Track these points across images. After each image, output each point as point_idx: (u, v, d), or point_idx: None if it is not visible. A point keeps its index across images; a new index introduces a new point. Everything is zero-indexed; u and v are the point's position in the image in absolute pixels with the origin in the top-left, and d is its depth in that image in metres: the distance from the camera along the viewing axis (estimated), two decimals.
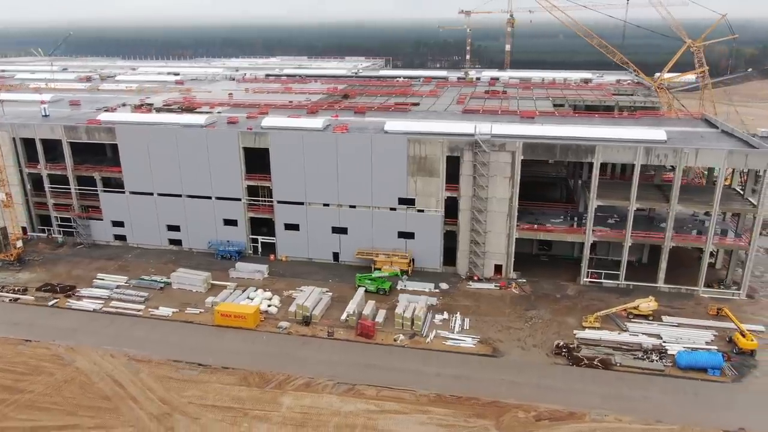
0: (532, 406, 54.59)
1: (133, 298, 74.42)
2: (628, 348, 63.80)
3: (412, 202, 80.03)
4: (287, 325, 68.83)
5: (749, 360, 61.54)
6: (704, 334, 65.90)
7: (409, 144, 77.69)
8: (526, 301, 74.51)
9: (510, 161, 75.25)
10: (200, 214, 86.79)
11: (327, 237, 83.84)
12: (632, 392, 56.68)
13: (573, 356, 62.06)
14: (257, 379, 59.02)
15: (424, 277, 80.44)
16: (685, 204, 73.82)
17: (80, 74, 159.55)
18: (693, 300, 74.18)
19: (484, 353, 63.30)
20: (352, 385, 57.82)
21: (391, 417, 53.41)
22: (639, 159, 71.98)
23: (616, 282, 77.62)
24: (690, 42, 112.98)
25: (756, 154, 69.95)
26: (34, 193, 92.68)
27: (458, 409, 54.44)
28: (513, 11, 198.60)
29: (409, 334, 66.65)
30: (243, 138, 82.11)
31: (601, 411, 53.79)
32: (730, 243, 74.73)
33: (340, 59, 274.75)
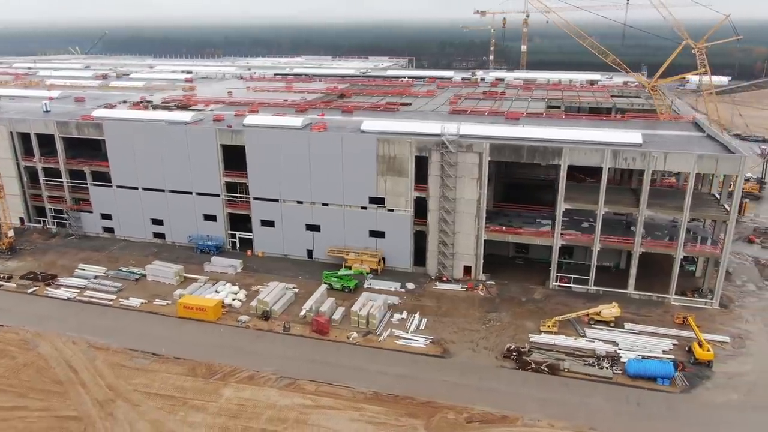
0: (467, 408, 54.39)
1: (107, 289, 77.10)
2: (581, 354, 62.77)
3: (383, 202, 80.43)
4: (247, 319, 70.23)
5: (705, 371, 59.78)
6: (663, 343, 64.32)
7: (379, 144, 78.11)
8: (489, 304, 74.00)
9: (477, 162, 74.87)
10: (182, 209, 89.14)
11: (301, 234, 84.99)
12: (573, 398, 55.85)
13: (521, 360, 61.44)
14: (204, 370, 60.52)
15: (393, 276, 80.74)
16: (655, 209, 72.02)
17: (98, 72, 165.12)
18: (662, 308, 72.32)
19: (434, 354, 63.26)
20: (294, 380, 58.71)
21: (324, 413, 54.05)
22: (607, 162, 70.64)
23: (586, 287, 76.33)
24: (692, 43, 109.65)
25: (726, 159, 67.80)
26: (31, 186, 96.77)
27: (392, 407, 54.69)
28: (529, 11, 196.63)
29: (363, 332, 67.13)
30: (221, 135, 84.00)
31: (536, 416, 53.27)
32: (702, 250, 72.53)
33: (363, 59, 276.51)
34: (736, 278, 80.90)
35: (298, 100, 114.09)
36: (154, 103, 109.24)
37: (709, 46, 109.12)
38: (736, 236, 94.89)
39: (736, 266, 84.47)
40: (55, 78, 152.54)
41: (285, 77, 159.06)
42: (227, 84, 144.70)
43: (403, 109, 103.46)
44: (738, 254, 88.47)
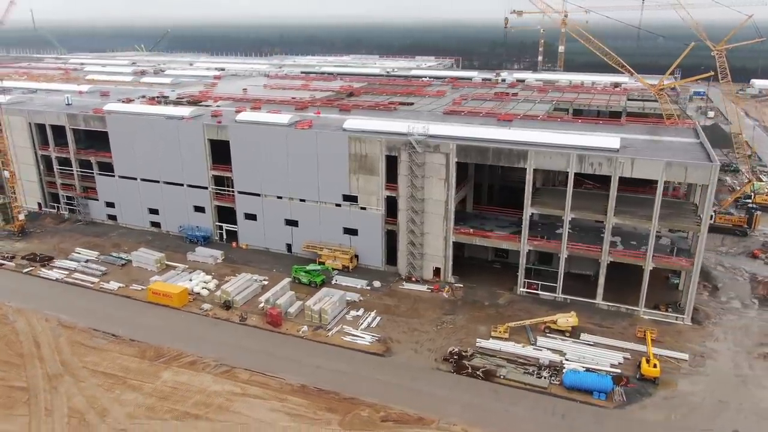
0: (387, 407, 54.61)
1: (93, 272, 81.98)
2: (525, 362, 61.45)
3: (355, 200, 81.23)
4: (209, 307, 72.94)
5: (649, 388, 57.20)
6: (614, 356, 61.93)
7: (351, 142, 78.96)
8: (450, 306, 73.41)
9: (444, 163, 74.38)
10: (174, 200, 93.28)
11: (281, 229, 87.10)
12: (498, 405, 54.93)
13: (460, 364, 60.82)
14: (153, 353, 63.55)
15: (365, 274, 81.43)
16: (623, 217, 69.20)
17: (138, 69, 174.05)
18: (629, 321, 69.42)
19: (375, 352, 63.63)
20: (231, 368, 60.71)
21: (248, 401, 55.69)
22: (572, 166, 68.54)
23: (554, 295, 74.33)
24: (711, 45, 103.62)
25: (696, 168, 64.27)
26: (47, 173, 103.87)
27: (314, 401, 55.65)
28: (568, 11, 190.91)
29: (314, 327, 68.34)
30: (208, 130, 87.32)
31: (452, 420, 52.81)
32: (672, 262, 69.02)
33: (409, 58, 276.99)
34: (723, 294, 76.41)
35: (307, 97, 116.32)
36: (168, 99, 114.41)
37: (729, 48, 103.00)
38: (742, 250, 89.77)
39: (727, 282, 79.73)
40: (97, 74, 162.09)
41: (308, 75, 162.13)
42: (252, 81, 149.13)
43: (402, 109, 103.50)
44: (735, 269, 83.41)
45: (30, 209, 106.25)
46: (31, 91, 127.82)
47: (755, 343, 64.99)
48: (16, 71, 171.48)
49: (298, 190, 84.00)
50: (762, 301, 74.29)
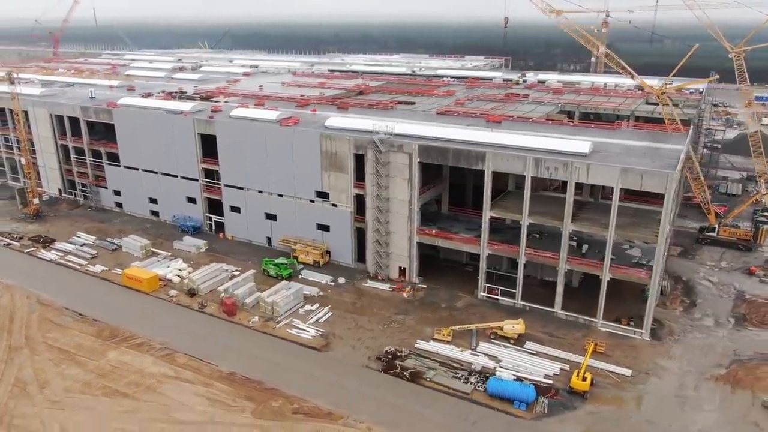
0: (303, 399, 55.61)
1: (84, 255, 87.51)
2: (458, 366, 60.70)
3: (327, 196, 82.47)
4: (175, 293, 76.32)
5: (576, 401, 55.23)
6: (552, 367, 60.09)
7: (322, 140, 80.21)
8: (406, 306, 73.30)
9: (408, 163, 74.25)
10: (170, 191, 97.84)
11: (261, 222, 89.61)
12: (412, 407, 54.73)
13: (390, 363, 60.85)
14: (108, 333, 67.38)
15: (334, 270, 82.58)
16: (580, 224, 66.79)
17: (176, 65, 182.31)
18: (584, 332, 66.93)
19: (313, 346, 64.69)
20: (173, 351, 63.52)
21: (177, 384, 58.18)
22: (529, 170, 66.82)
23: (513, 301, 72.69)
24: (729, 47, 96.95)
25: (651, 175, 61.09)
26: (65, 161, 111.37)
27: (238, 389, 57.41)
28: (609, 11, 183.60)
29: (266, 318, 70.20)
30: (198, 125, 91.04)
31: (361, 417, 53.12)
32: (629, 273, 65.83)
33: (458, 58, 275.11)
34: (699, 310, 72.12)
35: (316, 95, 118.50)
36: (184, 94, 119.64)
37: (748, 50, 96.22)
38: (740, 265, 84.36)
39: (709, 298, 75.15)
40: (137, 69, 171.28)
41: (332, 74, 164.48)
42: (275, 78, 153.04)
43: (400, 108, 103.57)
44: (724, 285, 78.41)
45: (51, 194, 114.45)
46: (69, 85, 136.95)
47: (713, 363, 61.15)
48: (71, 66, 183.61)
49: (277, 186, 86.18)
50: (739, 321, 69.61)
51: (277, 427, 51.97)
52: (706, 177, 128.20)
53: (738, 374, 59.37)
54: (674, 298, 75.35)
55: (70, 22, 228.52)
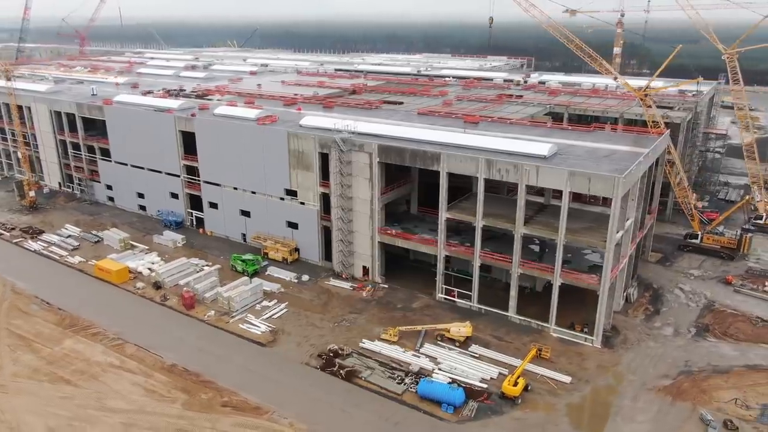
0: (235, 392, 56.51)
1: (66, 246, 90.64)
2: (397, 366, 60.62)
3: (296, 194, 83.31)
4: (142, 286, 78.36)
5: (505, 407, 54.54)
6: (490, 371, 59.42)
7: (290, 138, 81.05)
8: (362, 305, 73.48)
9: (368, 162, 74.40)
10: (155, 186, 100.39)
11: (237, 218, 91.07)
12: (340, 404, 55.04)
13: (330, 362, 61.22)
14: (69, 321, 69.73)
15: (302, 267, 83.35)
16: (532, 228, 65.71)
17: (188, 63, 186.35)
18: (536, 336, 65.90)
19: (259, 341, 65.58)
20: (124, 342, 65.33)
21: (120, 373, 59.87)
22: (481, 172, 66.15)
23: (470, 303, 72.06)
24: (721, 48, 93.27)
25: (598, 179, 59.65)
26: (64, 156, 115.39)
27: (175, 380, 58.72)
28: (624, 10, 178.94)
29: (221, 313, 71.45)
30: (178, 122, 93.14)
31: (285, 413, 53.66)
32: (579, 278, 64.34)
33: (480, 58, 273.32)
34: (661, 319, 70.06)
35: (310, 94, 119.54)
36: (180, 92, 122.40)
37: (741, 52, 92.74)
38: (718, 274, 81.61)
39: (675, 307, 72.91)
40: (149, 67, 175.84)
41: (336, 73, 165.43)
42: (280, 77, 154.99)
43: (386, 108, 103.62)
44: (694, 294, 75.89)
45: (51, 188, 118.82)
46: (79, 82, 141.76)
47: (659, 374, 59.38)
48: (90, 63, 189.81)
49: (250, 183, 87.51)
50: (700, 331, 67.31)
51: (202, 419, 52.99)
52: (709, 182, 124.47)
53: (683, 386, 57.51)
54: (639, 305, 73.42)
55: (96, 21, 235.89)
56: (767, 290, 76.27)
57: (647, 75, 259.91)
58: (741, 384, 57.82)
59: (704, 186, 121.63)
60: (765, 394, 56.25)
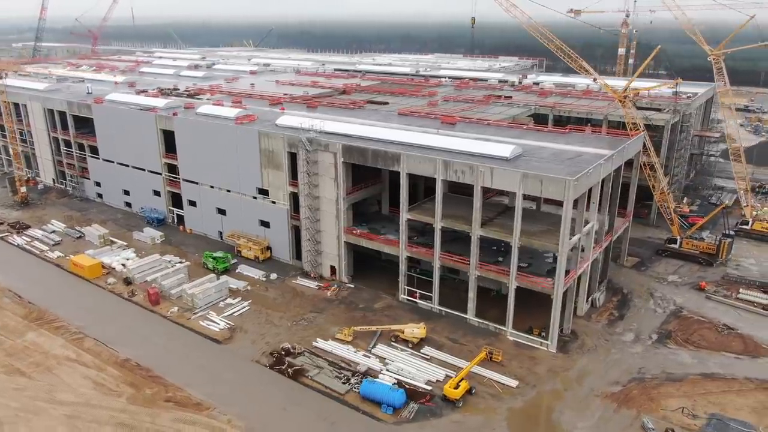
0: (180, 388, 57.20)
1: (47, 241, 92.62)
2: (344, 366, 60.68)
3: (267, 193, 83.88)
4: (113, 281, 79.70)
5: (446, 410, 54.22)
6: (437, 373, 59.13)
7: (261, 138, 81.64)
8: (324, 304, 73.66)
9: (333, 162, 74.58)
10: (139, 183, 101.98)
11: (214, 216, 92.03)
12: (280, 402, 55.32)
13: (280, 360, 61.56)
14: (36, 315, 71.26)
15: (272, 266, 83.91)
16: (487, 230, 65.09)
17: (192, 63, 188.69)
18: (492, 339, 65.32)
19: (215, 338, 66.23)
20: (85, 336, 66.55)
21: (74, 366, 61.04)
22: (439, 173, 65.83)
23: (431, 305, 71.76)
24: (708, 50, 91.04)
25: (550, 181, 58.84)
26: (57, 153, 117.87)
27: (126, 374, 59.67)
28: (630, 11, 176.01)
29: (185, 309, 72.32)
30: (159, 121, 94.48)
31: (226, 410, 54.13)
32: (533, 282, 63.54)
33: (490, 58, 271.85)
34: (624, 324, 68.89)
35: (300, 94, 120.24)
36: (173, 91, 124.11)
37: (728, 53, 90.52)
38: (694, 280, 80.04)
39: (640, 312, 71.64)
40: (152, 66, 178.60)
41: (333, 73, 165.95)
42: (277, 76, 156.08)
43: (369, 108, 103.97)
44: (664, 300, 74.51)
45: (46, 184, 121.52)
46: (80, 81, 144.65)
47: (610, 381, 58.42)
48: (97, 62, 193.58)
49: (225, 181, 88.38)
50: (661, 338, 65.99)
51: (143, 414, 53.75)
52: (702, 186, 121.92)
53: (632, 393, 56.51)
54: (604, 310, 72.30)
55: (108, 21, 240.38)
56: (740, 297, 74.54)
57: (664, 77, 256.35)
58: (693, 392, 56.61)
59: (698, 190, 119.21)
60: (715, 404, 55.01)
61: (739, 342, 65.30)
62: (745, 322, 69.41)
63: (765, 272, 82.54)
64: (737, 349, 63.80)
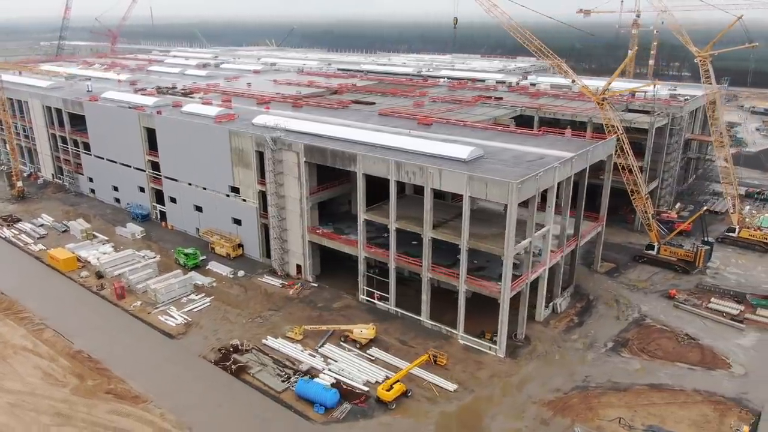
0: (123, 381, 58.37)
1: (34, 234, 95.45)
2: (288, 365, 61.01)
3: (238, 191, 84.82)
4: (86, 274, 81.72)
5: (378, 410, 54.07)
6: (377, 374, 58.95)
7: (231, 136, 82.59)
8: (285, 303, 74.15)
9: (296, 161, 74.99)
10: (126, 180, 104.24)
11: (192, 213, 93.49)
12: (217, 398, 55.96)
13: (226, 356, 62.24)
14: (5, 305, 73.51)
15: (243, 263, 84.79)
16: (437, 232, 64.54)
17: (202, 62, 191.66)
18: (442, 342, 64.82)
19: (168, 333, 67.33)
20: (46, 327, 68.40)
21: (27, 356, 62.81)
22: (392, 174, 65.60)
23: (388, 306, 71.55)
24: (694, 51, 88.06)
25: (495, 184, 58.04)
26: (55, 149, 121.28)
27: (75, 365, 61.12)
28: (641, 10, 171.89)
29: (147, 303, 73.69)
30: (142, 119, 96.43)
31: (161, 404, 55.00)
32: (481, 285, 62.70)
33: (508, 58, 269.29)
34: (581, 331, 67.50)
35: (293, 93, 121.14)
36: (168, 89, 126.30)
37: (715, 54, 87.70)
38: (666, 287, 78.07)
39: (602, 319, 70.08)
40: (160, 65, 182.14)
41: (334, 73, 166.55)
42: (277, 76, 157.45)
43: (353, 108, 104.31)
44: (629, 307, 72.77)
45: (46, 179, 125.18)
46: (86, 79, 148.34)
47: (552, 388, 57.33)
48: (113, 61, 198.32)
49: (201, 179, 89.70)
50: (617, 346, 64.41)
51: (81, 404, 55.02)
52: (698, 192, 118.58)
53: (571, 401, 55.39)
54: (565, 317, 70.98)
55: (128, 20, 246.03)
56: (710, 307, 72.31)
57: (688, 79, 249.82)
58: (636, 403, 55.19)
59: (693, 196, 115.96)
60: (656, 415, 53.54)
61: (697, 353, 63.39)
62: (708, 332, 67.33)
63: (744, 282, 79.87)
64: (693, 360, 61.92)
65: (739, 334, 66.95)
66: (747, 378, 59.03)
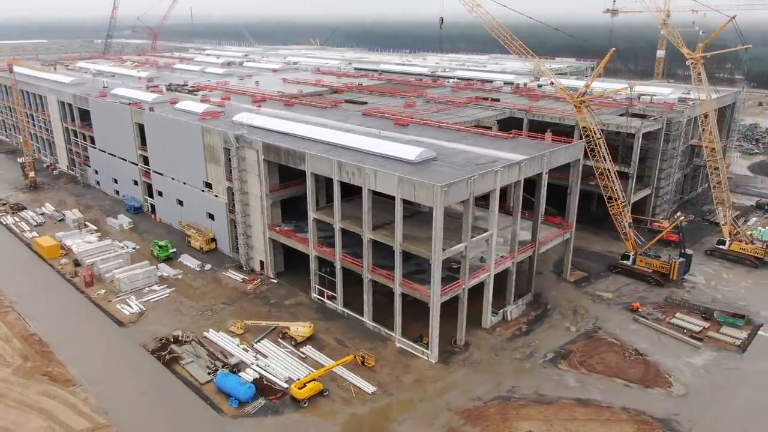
0: (62, 364, 61.12)
1: (31, 222, 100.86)
2: (220, 358, 62.26)
3: (211, 187, 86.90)
4: (65, 262, 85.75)
5: (291, 407, 54.47)
6: (301, 372, 59.29)
7: (203, 133, 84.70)
8: (239, 297, 75.52)
9: (257, 159, 76.18)
10: (123, 173, 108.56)
11: (175, 206, 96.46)
12: (142, 386, 57.94)
13: (164, 346, 64.06)
14: None
15: (213, 257, 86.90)
16: (376, 234, 64.10)
17: (226, 60, 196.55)
18: (377, 344, 64.55)
19: (120, 321, 69.87)
20: (11, 310, 72.25)
21: None
22: (335, 173, 65.74)
23: (336, 305, 71.74)
24: (685, 53, 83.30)
25: (421, 186, 57.18)
26: (68, 142, 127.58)
27: (25, 347, 64.34)
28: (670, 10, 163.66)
29: (111, 292, 76.71)
30: (134, 115, 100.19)
31: (88, 388, 57.26)
32: (414, 288, 61.85)
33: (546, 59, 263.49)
34: (526, 341, 65.61)
35: (294, 92, 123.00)
36: (175, 86, 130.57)
37: (707, 56, 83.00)
38: (636, 298, 74.95)
39: (552, 329, 67.86)
40: (186, 62, 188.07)
41: (348, 72, 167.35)
42: (293, 75, 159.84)
43: (343, 107, 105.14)
44: (586, 319, 70.16)
45: (61, 170, 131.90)
46: (111, 76, 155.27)
47: (473, 396, 56.09)
48: (146, 58, 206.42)
49: (181, 174, 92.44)
50: (556, 358, 62.23)
51: (17, 384, 57.96)
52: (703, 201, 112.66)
53: (488, 411, 54.10)
54: (514, 325, 69.15)
55: (168, 19, 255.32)
56: (672, 323, 68.85)
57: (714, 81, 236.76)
58: (555, 417, 53.33)
59: (697, 205, 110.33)
60: (572, 431, 51.55)
61: (640, 369, 60.52)
62: (661, 348, 64.13)
63: (720, 298, 75.53)
64: (633, 377, 59.15)
65: (694, 352, 63.47)
66: (684, 398, 56.00)
